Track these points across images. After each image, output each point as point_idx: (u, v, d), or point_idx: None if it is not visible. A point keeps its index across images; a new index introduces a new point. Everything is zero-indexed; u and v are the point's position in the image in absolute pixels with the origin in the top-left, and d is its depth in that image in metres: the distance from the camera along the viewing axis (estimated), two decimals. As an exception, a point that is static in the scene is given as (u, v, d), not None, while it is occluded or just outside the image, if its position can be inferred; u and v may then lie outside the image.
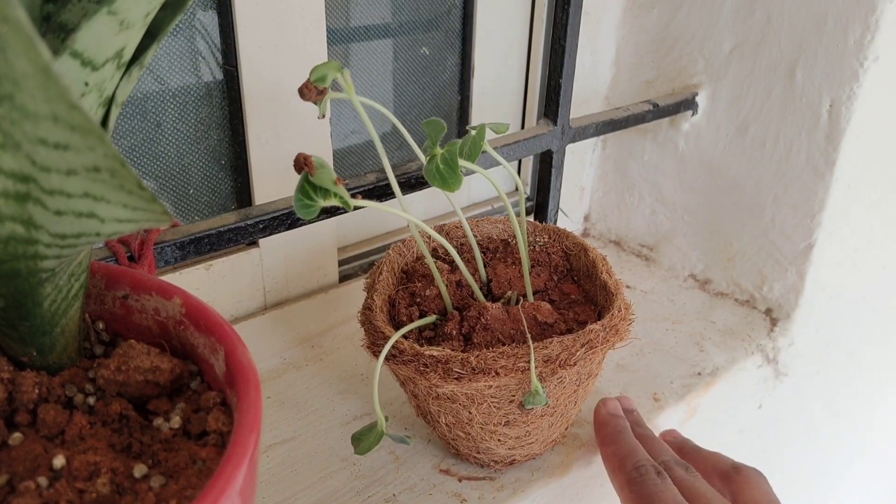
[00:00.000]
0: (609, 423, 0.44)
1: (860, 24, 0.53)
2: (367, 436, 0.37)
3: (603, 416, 0.45)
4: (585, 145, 0.73)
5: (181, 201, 0.51)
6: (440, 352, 0.36)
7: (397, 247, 0.45)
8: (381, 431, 0.36)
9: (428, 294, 0.41)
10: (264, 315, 0.53)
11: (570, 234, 0.47)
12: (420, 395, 0.39)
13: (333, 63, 0.34)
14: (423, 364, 0.36)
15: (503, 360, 0.35)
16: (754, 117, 0.61)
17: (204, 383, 0.28)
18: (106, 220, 0.19)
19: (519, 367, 0.35)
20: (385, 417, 0.37)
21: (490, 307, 0.39)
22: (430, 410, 0.40)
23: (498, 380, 0.35)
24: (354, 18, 0.56)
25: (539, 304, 0.40)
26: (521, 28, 0.66)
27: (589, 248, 0.45)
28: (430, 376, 0.35)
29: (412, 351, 0.36)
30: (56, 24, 0.22)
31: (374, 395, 0.37)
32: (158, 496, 0.22)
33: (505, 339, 0.39)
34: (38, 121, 0.16)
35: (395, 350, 0.36)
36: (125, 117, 0.46)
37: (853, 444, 0.90)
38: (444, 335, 0.39)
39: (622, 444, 0.42)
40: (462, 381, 0.35)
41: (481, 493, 0.43)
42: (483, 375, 0.35)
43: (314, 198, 0.32)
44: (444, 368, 0.35)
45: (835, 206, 0.59)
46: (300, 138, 0.51)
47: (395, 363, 0.36)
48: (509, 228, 0.49)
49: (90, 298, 0.30)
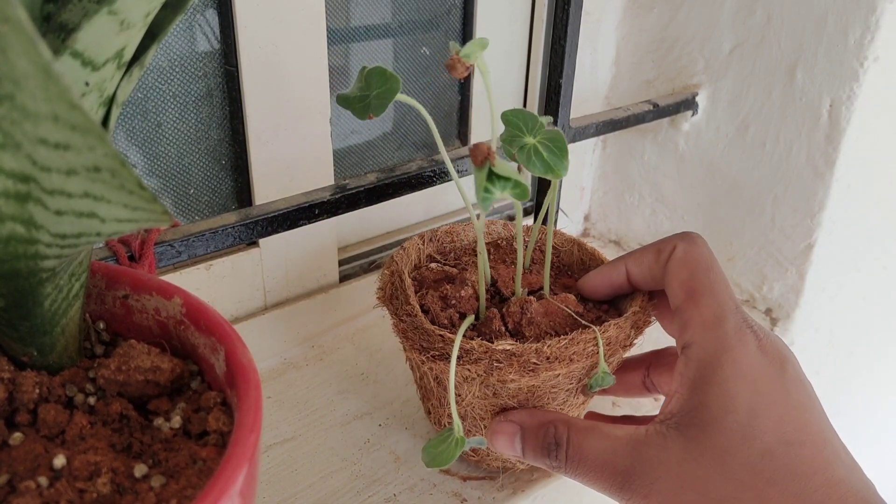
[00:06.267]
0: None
1: (860, 24, 0.53)
2: (443, 444, 0.36)
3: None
4: (585, 145, 0.73)
5: (181, 201, 0.51)
6: (513, 345, 0.36)
7: (399, 254, 0.45)
8: (461, 437, 0.36)
9: (462, 295, 0.41)
10: (264, 315, 0.53)
11: (556, 231, 0.48)
12: (469, 397, 0.39)
13: (481, 40, 0.34)
14: (495, 360, 0.36)
15: (574, 347, 0.36)
16: (754, 117, 0.61)
17: (204, 383, 0.28)
18: (106, 220, 0.19)
19: (588, 351, 0.36)
20: (461, 421, 0.36)
21: (532, 300, 0.40)
22: (472, 414, 0.40)
23: (570, 367, 0.36)
24: (354, 18, 0.56)
25: (566, 296, 0.41)
26: (521, 28, 0.66)
27: (582, 243, 0.47)
28: (504, 371, 0.35)
29: (482, 348, 0.36)
30: (56, 23, 0.22)
31: (451, 401, 0.36)
32: (159, 496, 0.22)
33: (549, 330, 0.39)
34: (38, 121, 0.16)
35: (459, 350, 0.36)
36: (125, 117, 0.46)
37: (853, 444, 0.90)
38: (492, 332, 0.39)
39: None
40: (538, 371, 0.35)
41: (481, 493, 0.43)
42: (559, 363, 0.36)
43: (494, 189, 0.31)
44: (520, 361, 0.35)
45: (835, 206, 0.59)
46: (300, 138, 0.51)
47: (462, 363, 0.36)
48: (494, 231, 0.50)
49: (90, 298, 0.30)
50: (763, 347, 0.34)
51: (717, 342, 0.34)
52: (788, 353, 0.35)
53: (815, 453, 0.31)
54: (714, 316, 0.35)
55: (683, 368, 0.35)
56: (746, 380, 0.33)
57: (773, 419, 0.32)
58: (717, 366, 0.33)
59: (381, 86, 0.35)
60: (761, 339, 0.34)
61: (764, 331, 0.35)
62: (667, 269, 0.38)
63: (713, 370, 0.33)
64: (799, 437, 0.32)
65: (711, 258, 0.37)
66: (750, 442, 0.31)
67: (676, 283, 0.37)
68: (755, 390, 0.33)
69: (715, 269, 0.37)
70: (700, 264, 0.37)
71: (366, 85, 0.36)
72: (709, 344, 0.34)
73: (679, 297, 0.37)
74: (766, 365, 0.33)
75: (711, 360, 0.34)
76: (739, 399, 0.32)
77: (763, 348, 0.34)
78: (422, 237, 0.47)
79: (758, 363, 0.33)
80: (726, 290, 0.36)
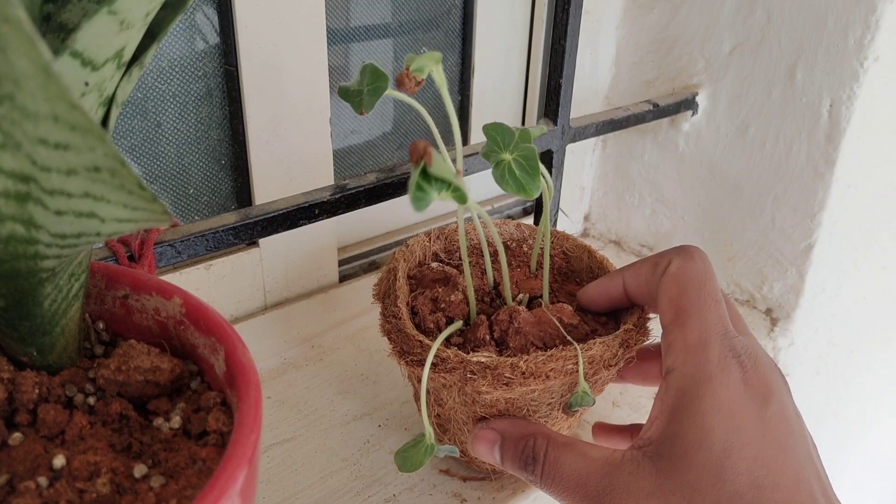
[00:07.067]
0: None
1: (860, 24, 0.53)
2: (414, 451, 0.36)
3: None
4: (585, 145, 0.73)
5: (181, 201, 0.51)
6: (488, 358, 0.35)
7: (402, 252, 0.44)
8: (432, 445, 0.36)
9: (453, 299, 0.40)
10: (264, 315, 0.53)
11: (569, 236, 0.47)
12: (449, 402, 0.38)
13: (434, 54, 0.33)
14: (470, 371, 0.35)
15: (552, 364, 0.35)
16: (754, 117, 0.61)
17: (204, 383, 0.28)
18: (106, 220, 0.19)
19: (567, 369, 0.35)
20: (446, 424, 0.36)
21: (521, 310, 0.39)
22: (455, 418, 0.39)
23: (547, 383, 0.34)
24: (354, 18, 0.56)
25: (562, 306, 0.40)
26: (521, 28, 0.66)
27: (593, 250, 0.45)
28: (477, 383, 0.34)
29: (457, 358, 0.35)
30: (56, 23, 0.22)
31: (423, 409, 0.36)
32: (158, 496, 0.22)
33: (537, 342, 0.38)
34: (38, 121, 0.16)
35: (436, 358, 0.36)
36: (125, 117, 0.46)
37: (853, 444, 0.90)
38: (477, 340, 0.38)
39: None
40: (511, 386, 0.34)
41: (481, 493, 0.43)
42: (534, 379, 0.34)
43: (428, 189, 0.31)
44: (494, 374, 0.34)
45: (835, 206, 0.59)
46: (300, 138, 0.51)
47: (437, 371, 0.36)
48: (506, 232, 0.48)
49: (90, 298, 0.30)
50: (747, 379, 0.32)
51: (698, 371, 0.33)
52: (776, 386, 0.33)
53: (786, 498, 0.30)
54: (698, 341, 0.33)
55: (664, 394, 0.34)
56: (724, 414, 0.31)
57: (748, 459, 0.30)
58: (696, 396, 0.32)
59: (371, 83, 0.35)
60: (746, 370, 0.33)
61: (752, 359, 0.33)
62: (660, 284, 0.36)
63: (691, 400, 0.32)
64: (772, 481, 0.30)
65: (706, 274, 0.36)
66: (721, 483, 0.30)
67: (666, 300, 0.36)
68: (731, 426, 0.31)
69: (707, 286, 0.35)
70: (692, 281, 0.35)
71: (360, 80, 0.36)
72: (689, 372, 0.33)
73: (668, 315, 0.35)
74: (746, 399, 0.32)
75: (691, 389, 0.32)
76: (714, 435, 0.31)
77: (747, 380, 0.32)
78: (428, 234, 0.46)
79: (738, 397, 0.32)
80: (715, 312, 0.34)
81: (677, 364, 0.34)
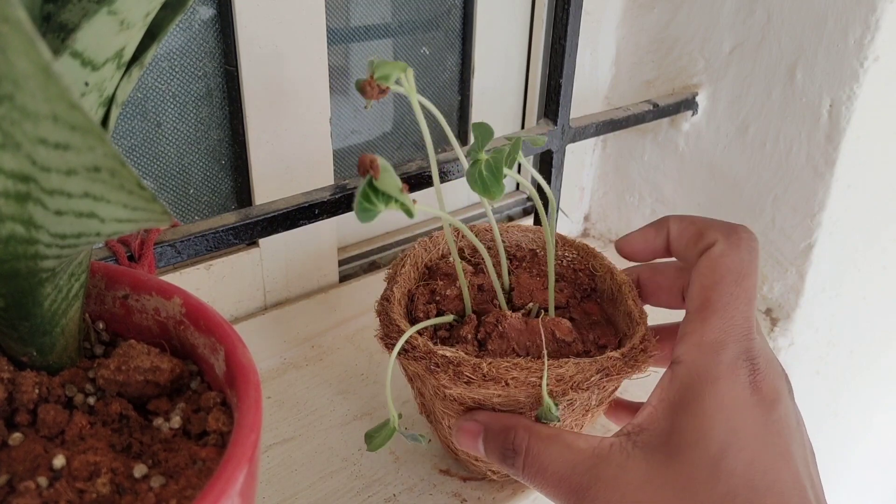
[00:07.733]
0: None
1: (860, 24, 0.53)
2: (379, 433, 0.37)
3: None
4: (585, 145, 0.73)
5: (181, 201, 0.51)
6: (453, 353, 0.35)
7: (423, 241, 0.45)
8: (393, 428, 0.36)
9: (448, 293, 0.41)
10: (264, 315, 0.53)
11: (598, 253, 0.46)
12: (427, 394, 0.39)
13: (399, 63, 0.33)
14: (434, 363, 0.35)
15: (515, 372, 0.34)
16: (754, 117, 0.61)
17: (204, 383, 0.28)
18: (106, 220, 0.19)
19: (530, 381, 0.34)
20: (399, 415, 0.36)
21: (509, 316, 0.39)
22: (434, 411, 0.40)
23: (507, 390, 0.34)
24: (354, 18, 0.56)
25: (559, 320, 0.40)
26: (521, 28, 0.66)
27: (616, 272, 0.43)
28: (439, 376, 0.35)
29: (425, 348, 0.36)
30: (56, 23, 0.22)
31: (388, 390, 0.36)
32: (158, 496, 0.22)
33: (520, 350, 0.38)
34: (38, 121, 0.16)
35: (407, 345, 0.36)
36: (125, 117, 0.46)
37: (853, 444, 0.90)
38: (459, 337, 0.39)
39: None
40: (472, 385, 0.34)
41: (481, 493, 0.43)
42: (493, 384, 0.34)
43: (375, 202, 0.31)
44: (455, 371, 0.35)
45: (835, 206, 0.59)
46: (300, 138, 0.51)
47: (407, 358, 0.36)
48: (539, 238, 0.48)
49: (90, 298, 0.30)
50: (756, 384, 0.32)
51: (707, 369, 0.32)
52: (783, 392, 0.33)
53: (780, 502, 0.30)
54: (714, 340, 0.33)
55: (667, 385, 0.33)
56: (726, 415, 0.31)
57: (745, 461, 0.30)
58: (700, 394, 0.32)
59: None
60: (756, 375, 0.32)
61: (764, 363, 0.33)
62: (698, 263, 0.35)
63: (694, 397, 0.32)
64: (766, 484, 0.30)
65: (747, 269, 0.34)
66: (714, 482, 0.30)
67: (698, 287, 0.35)
68: (732, 428, 0.31)
69: (744, 283, 0.34)
70: (730, 274, 0.34)
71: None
72: (698, 369, 0.32)
73: (694, 303, 0.34)
74: (752, 403, 0.32)
75: (696, 385, 0.32)
76: (714, 433, 0.31)
77: (755, 384, 0.32)
78: (456, 230, 0.46)
79: (743, 400, 0.32)
80: (743, 312, 0.33)
81: (687, 358, 0.33)
